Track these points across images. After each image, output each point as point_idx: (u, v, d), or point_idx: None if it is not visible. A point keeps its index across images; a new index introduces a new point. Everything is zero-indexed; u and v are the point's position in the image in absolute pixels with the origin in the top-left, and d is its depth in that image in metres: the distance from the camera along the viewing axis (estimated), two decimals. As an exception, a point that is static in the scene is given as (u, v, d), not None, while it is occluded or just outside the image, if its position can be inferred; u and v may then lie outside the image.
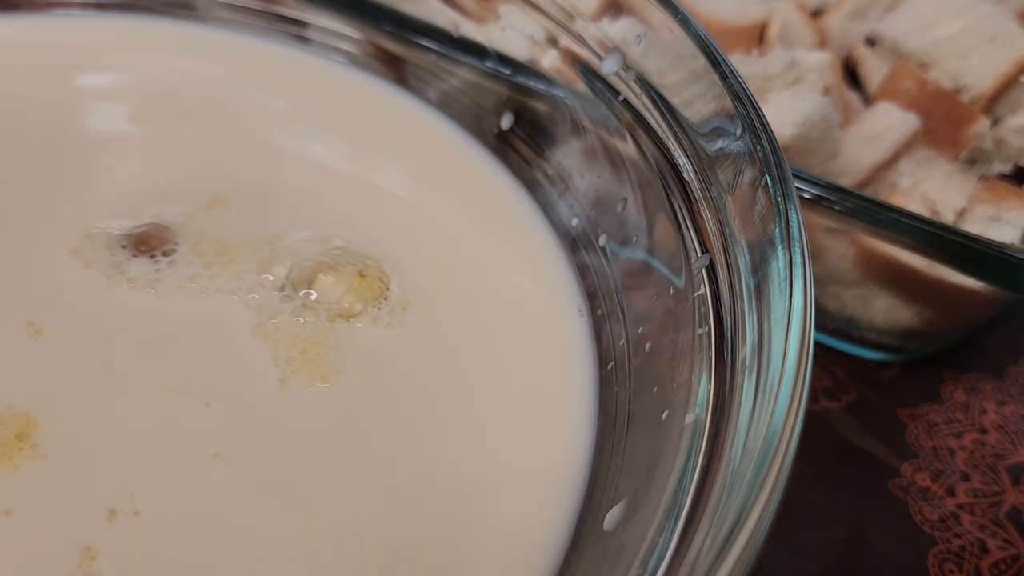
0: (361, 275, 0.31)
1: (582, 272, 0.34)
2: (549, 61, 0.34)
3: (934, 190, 0.43)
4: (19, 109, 0.35)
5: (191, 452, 0.26)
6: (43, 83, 0.36)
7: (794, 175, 0.29)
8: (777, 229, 0.23)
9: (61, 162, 0.33)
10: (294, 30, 0.40)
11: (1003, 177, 0.47)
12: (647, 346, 0.29)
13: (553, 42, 0.34)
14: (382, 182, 0.36)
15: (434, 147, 0.37)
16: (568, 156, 0.35)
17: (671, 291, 0.28)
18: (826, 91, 0.45)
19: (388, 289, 0.31)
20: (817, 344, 0.21)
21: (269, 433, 0.27)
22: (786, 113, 0.42)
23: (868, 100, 0.49)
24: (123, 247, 0.30)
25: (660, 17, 0.29)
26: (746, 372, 0.22)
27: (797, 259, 0.22)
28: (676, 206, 0.28)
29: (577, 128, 0.34)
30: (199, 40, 0.39)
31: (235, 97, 0.37)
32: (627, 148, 0.31)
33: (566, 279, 0.33)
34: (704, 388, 0.24)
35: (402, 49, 0.38)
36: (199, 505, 0.25)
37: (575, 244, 0.34)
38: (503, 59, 0.36)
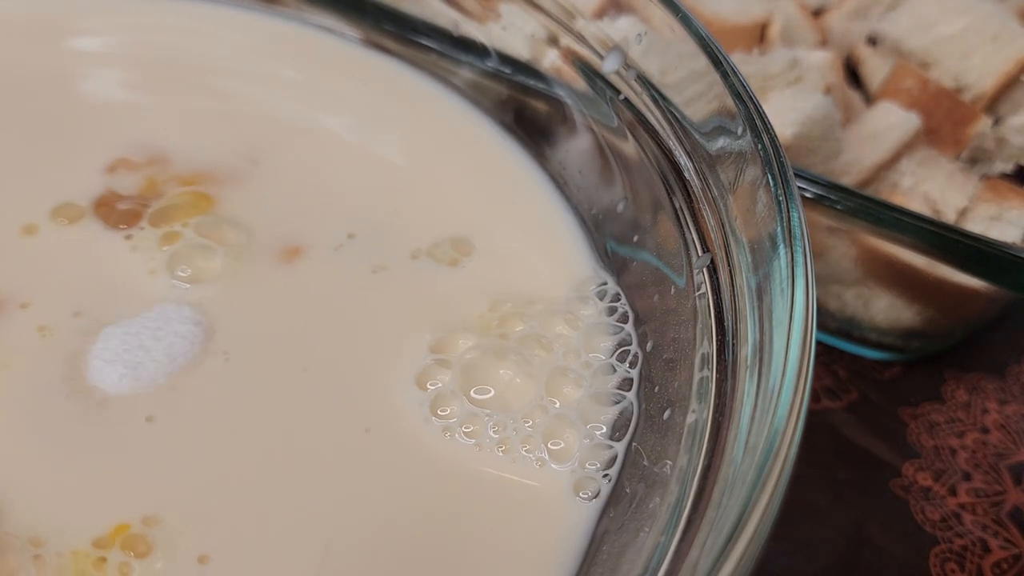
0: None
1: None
2: (549, 60, 0.34)
3: (935, 189, 0.43)
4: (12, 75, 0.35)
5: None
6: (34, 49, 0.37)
7: (795, 174, 0.29)
8: (779, 228, 0.23)
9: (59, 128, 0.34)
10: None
11: (1005, 176, 0.47)
12: (648, 345, 0.29)
13: (554, 41, 0.34)
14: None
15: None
16: (568, 155, 0.35)
17: (672, 290, 0.28)
18: (827, 90, 0.45)
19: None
20: (818, 343, 0.21)
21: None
22: (787, 112, 0.41)
23: (869, 99, 0.49)
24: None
25: (661, 16, 0.29)
26: (747, 372, 0.22)
27: (799, 258, 0.22)
28: (677, 205, 0.28)
29: (577, 127, 0.34)
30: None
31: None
32: (628, 147, 0.31)
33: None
34: (705, 388, 0.24)
35: (402, 48, 0.38)
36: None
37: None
38: (503, 58, 0.36)
